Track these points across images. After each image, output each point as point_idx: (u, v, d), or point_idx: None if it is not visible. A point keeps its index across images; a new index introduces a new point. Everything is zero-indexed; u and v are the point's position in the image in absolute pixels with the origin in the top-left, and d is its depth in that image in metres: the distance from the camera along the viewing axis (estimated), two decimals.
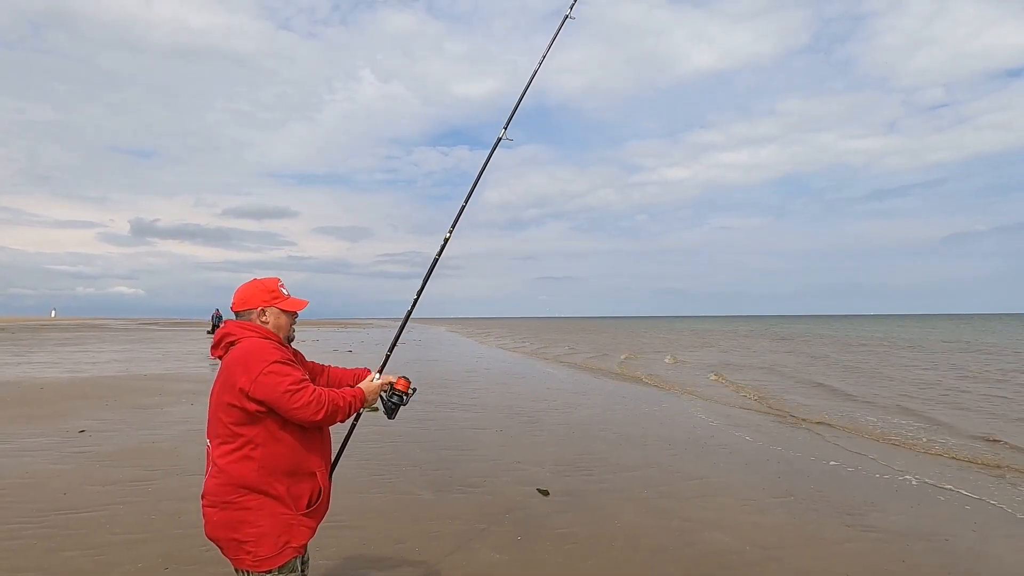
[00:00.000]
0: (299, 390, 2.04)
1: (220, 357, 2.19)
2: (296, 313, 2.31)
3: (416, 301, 2.85)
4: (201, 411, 8.82)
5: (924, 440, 8.16)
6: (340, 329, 52.75)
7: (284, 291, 2.29)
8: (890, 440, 8.20)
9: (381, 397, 2.39)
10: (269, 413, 2.06)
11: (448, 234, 2.93)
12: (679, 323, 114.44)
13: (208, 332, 35.87)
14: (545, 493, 5.24)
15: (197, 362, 17.78)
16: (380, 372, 2.48)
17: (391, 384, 2.40)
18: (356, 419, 2.48)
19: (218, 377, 2.13)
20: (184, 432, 7.41)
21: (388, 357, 2.65)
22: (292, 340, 2.34)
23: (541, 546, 4.09)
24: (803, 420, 9.62)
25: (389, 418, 2.43)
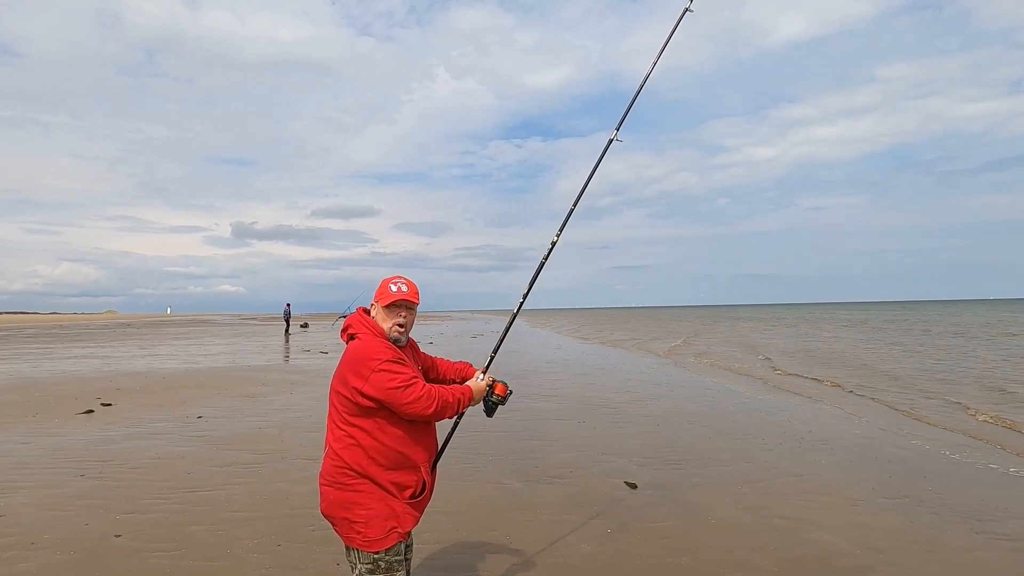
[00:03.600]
0: (409, 386, 2.15)
1: (345, 342, 2.35)
2: (397, 305, 2.32)
3: (521, 305, 2.94)
4: (300, 400, 9.45)
5: None
6: (419, 323, 54.58)
7: (392, 287, 2.32)
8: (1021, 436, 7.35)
9: (483, 398, 2.52)
10: (380, 408, 2.17)
11: (556, 237, 2.99)
12: (765, 311, 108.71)
13: (302, 326, 38.29)
14: (633, 486, 5.15)
15: (294, 354, 19.03)
16: (485, 372, 2.59)
17: (491, 387, 2.52)
18: (460, 417, 2.60)
19: (338, 367, 2.27)
20: (287, 419, 7.95)
21: (492, 359, 2.73)
22: (406, 328, 2.36)
23: (632, 539, 4.02)
24: (911, 412, 8.84)
25: (488, 416, 2.58)
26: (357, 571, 2.22)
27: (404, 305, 2.34)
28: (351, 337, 2.31)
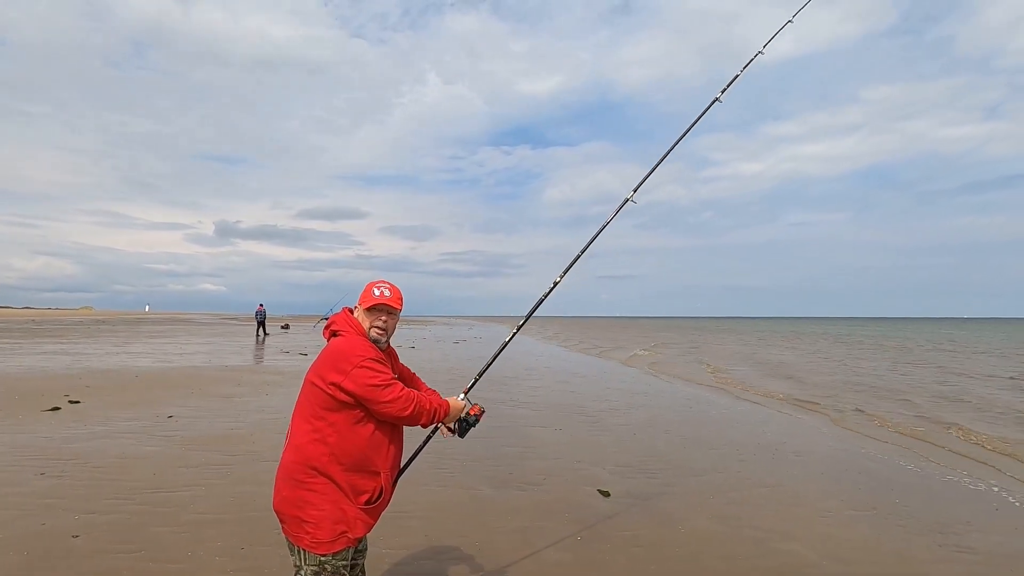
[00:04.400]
0: (389, 386, 2.17)
1: (328, 339, 2.36)
2: (377, 309, 2.33)
3: (514, 334, 3.00)
4: (276, 402, 9.30)
5: None
6: (403, 326, 54.24)
7: (375, 291, 2.34)
8: (988, 452, 7.49)
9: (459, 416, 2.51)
10: (355, 405, 2.17)
11: (559, 278, 3.03)
12: (744, 324, 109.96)
13: (283, 327, 37.84)
14: (606, 494, 5.14)
15: (272, 355, 18.76)
16: (467, 393, 2.58)
17: (467, 407, 2.52)
18: (432, 432, 2.62)
19: (316, 361, 2.26)
20: (261, 421, 7.82)
21: (476, 381, 2.72)
22: (386, 332, 2.36)
23: (604, 548, 4.00)
24: (883, 427, 8.97)
25: (460, 437, 2.56)
26: (302, 573, 2.19)
27: (385, 310, 2.35)
28: (333, 334, 2.33)
